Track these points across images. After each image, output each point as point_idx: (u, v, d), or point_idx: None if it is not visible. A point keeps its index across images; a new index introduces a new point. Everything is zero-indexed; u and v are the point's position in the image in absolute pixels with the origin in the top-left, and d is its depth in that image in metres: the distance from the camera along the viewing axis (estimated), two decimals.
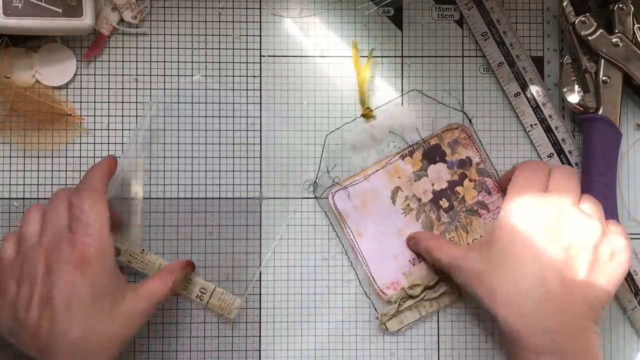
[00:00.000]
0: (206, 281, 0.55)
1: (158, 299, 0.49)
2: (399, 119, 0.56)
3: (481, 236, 0.55)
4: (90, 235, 0.46)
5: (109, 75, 0.56)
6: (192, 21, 0.57)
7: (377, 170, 0.55)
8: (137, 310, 0.48)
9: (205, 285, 0.55)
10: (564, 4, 0.55)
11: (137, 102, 0.56)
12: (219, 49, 0.57)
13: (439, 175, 0.55)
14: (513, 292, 0.47)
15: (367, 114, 0.56)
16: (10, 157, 0.56)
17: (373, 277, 0.55)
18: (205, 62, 0.57)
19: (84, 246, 0.45)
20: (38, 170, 0.56)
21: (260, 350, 0.56)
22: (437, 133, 0.56)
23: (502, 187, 0.56)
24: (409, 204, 0.55)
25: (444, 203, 0.55)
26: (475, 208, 0.55)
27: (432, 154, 0.56)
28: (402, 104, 0.56)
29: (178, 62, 0.57)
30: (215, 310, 0.55)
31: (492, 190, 0.56)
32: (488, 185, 0.56)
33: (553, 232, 0.47)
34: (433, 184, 0.55)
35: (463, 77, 0.58)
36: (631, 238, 0.57)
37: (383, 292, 0.55)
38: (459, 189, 0.55)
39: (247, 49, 0.57)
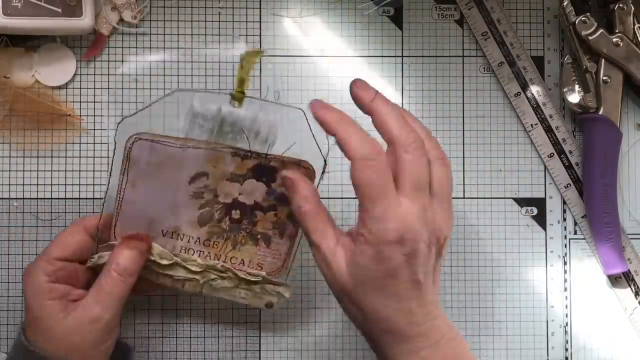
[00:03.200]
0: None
1: (115, 301, 0.47)
2: (265, 118, 0.49)
3: (242, 261, 0.51)
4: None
5: (108, 75, 0.56)
6: (192, 21, 0.57)
7: (200, 149, 0.48)
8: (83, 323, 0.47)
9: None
10: (565, 3, 0.55)
11: (137, 102, 0.56)
12: (219, 49, 0.57)
13: (252, 193, 0.50)
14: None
15: (239, 97, 0.48)
16: (10, 157, 0.56)
17: (116, 221, 0.49)
18: (205, 62, 0.57)
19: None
20: (38, 170, 0.56)
21: (260, 350, 0.56)
22: (284, 159, 0.49)
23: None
24: (203, 193, 0.49)
25: (236, 214, 0.50)
26: (259, 237, 0.50)
27: (263, 173, 0.49)
28: (278, 105, 0.51)
29: (178, 62, 0.57)
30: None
31: (284, 238, 0.51)
32: (286, 231, 0.50)
33: (423, 239, 0.43)
34: (240, 194, 0.50)
35: (463, 77, 0.57)
36: (631, 238, 0.57)
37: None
38: (259, 215, 0.50)
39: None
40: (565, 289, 0.57)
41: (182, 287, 0.51)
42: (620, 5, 0.55)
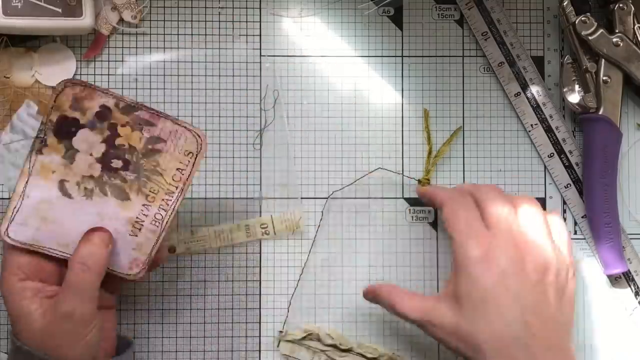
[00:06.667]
0: (259, 217, 0.56)
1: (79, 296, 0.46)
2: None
3: (169, 190, 0.48)
4: None
5: (108, 75, 0.56)
6: (192, 21, 0.57)
7: (27, 181, 0.46)
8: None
9: (262, 220, 0.56)
10: (564, 3, 0.55)
11: None
12: (219, 49, 0.57)
13: (89, 142, 0.46)
14: (499, 342, 0.45)
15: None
16: None
17: (112, 270, 0.49)
18: (205, 62, 0.57)
19: None
20: None
21: (260, 350, 0.56)
22: (50, 105, 0.46)
23: (428, 200, 0.54)
24: (86, 187, 0.47)
25: (118, 163, 0.47)
26: (150, 147, 0.47)
27: (64, 128, 0.46)
28: None
29: (178, 62, 0.57)
30: (286, 233, 0.56)
31: (152, 118, 0.47)
32: (143, 117, 0.47)
33: (519, 270, 0.46)
34: (91, 154, 0.47)
35: (463, 77, 0.57)
36: (631, 238, 0.57)
37: (127, 275, 0.49)
38: (119, 140, 0.47)
39: (247, 49, 0.57)
40: None
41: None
42: (620, 5, 0.55)
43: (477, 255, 0.47)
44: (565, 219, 0.57)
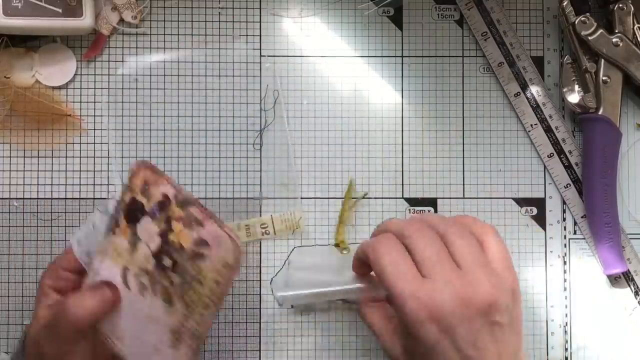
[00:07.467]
0: (259, 217, 0.56)
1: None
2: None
3: (217, 282, 0.45)
4: None
5: (108, 75, 0.56)
6: (192, 21, 0.57)
7: (101, 261, 0.45)
8: None
9: (262, 220, 0.56)
10: (564, 3, 0.55)
11: (137, 102, 0.56)
12: (219, 49, 0.57)
13: (149, 232, 0.44)
14: None
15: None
16: (10, 157, 0.56)
17: None
18: (205, 62, 0.57)
19: None
20: (38, 170, 0.56)
21: (260, 350, 0.56)
22: (126, 185, 0.45)
23: (358, 271, 0.50)
24: (141, 282, 0.44)
25: (168, 262, 0.44)
26: (197, 250, 0.44)
27: (133, 212, 0.44)
28: None
29: (178, 62, 0.57)
30: (286, 233, 0.56)
31: (202, 218, 0.44)
32: (195, 214, 0.44)
33: (465, 320, 0.42)
34: (149, 246, 0.44)
35: (463, 77, 0.58)
36: (631, 238, 0.57)
37: None
38: (171, 236, 0.44)
39: (247, 49, 0.57)
40: (565, 289, 0.57)
41: None
42: (620, 5, 0.55)
43: (422, 316, 0.42)
44: (564, 219, 0.58)
